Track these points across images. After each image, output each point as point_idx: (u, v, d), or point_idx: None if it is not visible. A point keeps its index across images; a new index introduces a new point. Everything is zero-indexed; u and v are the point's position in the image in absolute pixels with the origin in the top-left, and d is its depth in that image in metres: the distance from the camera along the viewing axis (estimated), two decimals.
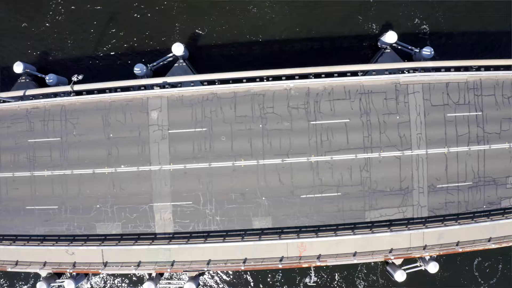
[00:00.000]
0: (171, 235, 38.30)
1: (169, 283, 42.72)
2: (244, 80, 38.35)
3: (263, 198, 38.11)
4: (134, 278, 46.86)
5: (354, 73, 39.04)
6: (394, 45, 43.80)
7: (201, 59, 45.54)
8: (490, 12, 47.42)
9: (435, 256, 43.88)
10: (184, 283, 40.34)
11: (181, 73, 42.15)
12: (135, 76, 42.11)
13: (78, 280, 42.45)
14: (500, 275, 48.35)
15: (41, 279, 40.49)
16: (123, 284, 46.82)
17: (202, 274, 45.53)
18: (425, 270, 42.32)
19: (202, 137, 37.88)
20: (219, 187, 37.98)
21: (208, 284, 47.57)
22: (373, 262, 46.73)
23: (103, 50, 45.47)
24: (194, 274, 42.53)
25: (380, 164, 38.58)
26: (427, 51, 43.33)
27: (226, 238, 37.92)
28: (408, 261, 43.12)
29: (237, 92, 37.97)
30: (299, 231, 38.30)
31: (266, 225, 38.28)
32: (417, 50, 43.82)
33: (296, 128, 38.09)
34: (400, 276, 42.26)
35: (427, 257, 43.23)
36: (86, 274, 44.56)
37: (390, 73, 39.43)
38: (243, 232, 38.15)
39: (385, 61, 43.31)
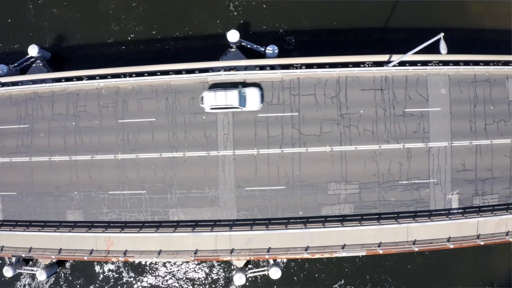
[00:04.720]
0: (1, 222, 41.57)
1: (26, 269, 46.02)
2: (63, 80, 40.27)
3: (75, 193, 39.82)
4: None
5: (166, 72, 39.02)
6: (243, 44, 42.91)
7: (66, 59, 47.80)
8: (361, 11, 44.41)
9: (278, 261, 42.54)
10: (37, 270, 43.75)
11: (38, 73, 45.15)
12: None
13: None
14: None
15: None
16: None
17: (63, 262, 48.20)
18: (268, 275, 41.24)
19: (25, 133, 40.49)
20: (38, 180, 40.34)
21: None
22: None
23: None
24: (47, 262, 45.54)
25: (185, 164, 38.35)
26: (269, 49, 41.82)
27: (44, 228, 40.28)
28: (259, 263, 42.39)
29: (55, 91, 40.05)
30: (107, 225, 39.48)
31: (78, 218, 40.00)
32: (263, 49, 42.45)
33: (105, 126, 39.19)
34: (238, 279, 41.49)
35: (271, 261, 42.02)
36: None
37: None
38: (59, 224, 40.26)
39: (229, 59, 42.56)
